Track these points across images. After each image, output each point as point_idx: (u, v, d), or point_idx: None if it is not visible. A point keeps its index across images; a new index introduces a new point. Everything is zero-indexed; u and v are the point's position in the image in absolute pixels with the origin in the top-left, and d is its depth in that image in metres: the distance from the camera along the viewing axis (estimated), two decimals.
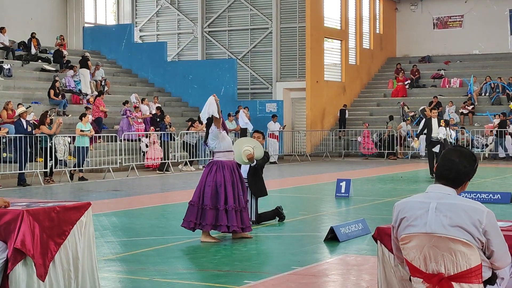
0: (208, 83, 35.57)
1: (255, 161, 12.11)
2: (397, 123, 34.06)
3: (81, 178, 22.33)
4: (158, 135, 26.26)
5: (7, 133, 21.40)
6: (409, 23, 42.62)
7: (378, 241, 5.79)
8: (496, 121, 32.17)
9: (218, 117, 11.01)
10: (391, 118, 34.19)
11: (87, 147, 22.79)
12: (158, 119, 27.82)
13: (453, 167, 4.49)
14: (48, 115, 22.12)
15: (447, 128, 22.60)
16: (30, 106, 23.51)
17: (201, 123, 25.96)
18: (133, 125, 27.73)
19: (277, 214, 13.04)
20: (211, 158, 11.67)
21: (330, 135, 35.30)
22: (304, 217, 13.91)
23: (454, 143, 23.85)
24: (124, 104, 28.75)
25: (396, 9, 43.21)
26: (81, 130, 22.60)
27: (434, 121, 22.29)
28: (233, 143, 11.71)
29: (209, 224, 10.79)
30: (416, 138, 26.23)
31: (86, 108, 26.89)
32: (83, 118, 23.01)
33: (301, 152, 34.29)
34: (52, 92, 28.18)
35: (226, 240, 11.09)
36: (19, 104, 23.34)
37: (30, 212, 6.41)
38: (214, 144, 11.07)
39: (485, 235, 4.34)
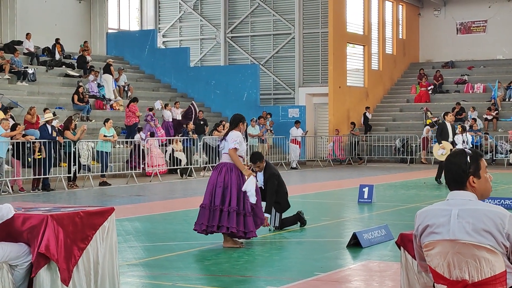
0: (231, 89, 35.65)
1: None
2: (359, 129, 34.36)
3: (104, 183, 22.45)
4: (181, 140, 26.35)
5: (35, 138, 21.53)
6: (432, 28, 42.43)
7: (402, 248, 5.78)
8: None
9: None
10: (353, 124, 34.27)
11: (109, 152, 22.95)
12: (186, 124, 27.71)
13: (447, 169, 4.50)
14: (72, 121, 22.26)
15: (464, 134, 22.40)
16: (56, 114, 23.66)
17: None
18: (155, 129, 27.72)
19: (299, 219, 13.03)
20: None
21: (352, 141, 35.20)
22: (326, 223, 13.89)
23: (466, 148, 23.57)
24: (150, 110, 28.84)
25: (419, 14, 43.05)
26: (104, 135, 22.74)
27: (449, 126, 22.12)
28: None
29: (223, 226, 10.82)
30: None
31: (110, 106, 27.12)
32: (106, 123, 23.14)
33: (323, 158, 34.22)
34: (76, 97, 28.35)
35: (249, 245, 11.08)
36: (45, 109, 23.51)
37: (55, 217, 6.45)
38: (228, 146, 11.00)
39: (509, 239, 4.32)
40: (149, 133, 26.39)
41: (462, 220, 4.34)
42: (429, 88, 38.89)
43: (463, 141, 22.14)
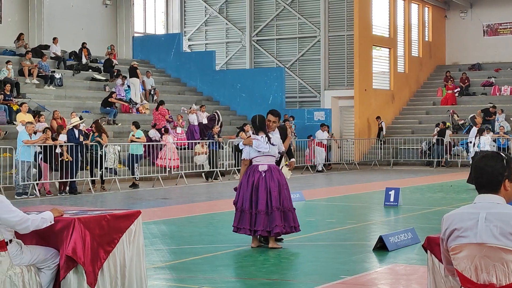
0: (256, 92, 35.68)
1: None
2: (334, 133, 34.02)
3: (133, 185, 22.67)
4: (206, 143, 26.41)
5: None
6: (458, 30, 42.19)
7: (428, 251, 5.75)
8: None
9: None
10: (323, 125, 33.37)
11: (140, 155, 23.15)
12: (211, 127, 27.74)
13: (482, 172, 4.43)
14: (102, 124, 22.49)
15: (480, 137, 22.22)
16: (83, 118, 23.83)
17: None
18: (176, 132, 27.81)
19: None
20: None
21: (378, 144, 35.11)
22: (352, 226, 13.85)
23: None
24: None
25: (445, 17, 42.83)
26: (136, 137, 23.09)
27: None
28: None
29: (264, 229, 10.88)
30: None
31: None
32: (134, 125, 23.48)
33: (349, 161, 34.14)
34: (112, 99, 28.58)
35: (276, 249, 11.08)
36: (72, 112, 23.68)
37: (82, 220, 6.50)
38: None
39: None
40: (163, 129, 26.61)
41: (490, 223, 4.31)
42: (455, 90, 38.66)
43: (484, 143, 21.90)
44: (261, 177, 10.90)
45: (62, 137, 21.29)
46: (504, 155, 4.47)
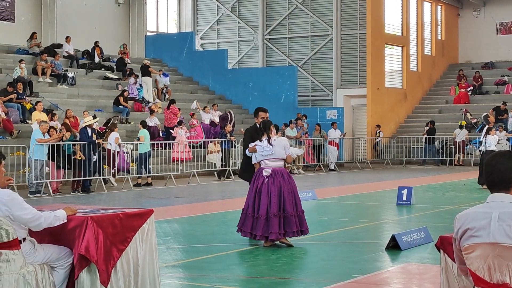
0: (269, 91, 35.67)
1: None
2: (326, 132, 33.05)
3: (146, 184, 22.79)
4: (219, 142, 26.43)
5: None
6: (471, 28, 42.04)
7: (441, 250, 5.74)
8: None
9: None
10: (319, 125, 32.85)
11: (147, 153, 23.20)
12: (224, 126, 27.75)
13: (493, 170, 4.41)
14: (115, 123, 22.55)
15: (487, 136, 22.13)
16: (96, 117, 23.88)
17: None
18: (189, 130, 27.89)
19: None
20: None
21: (391, 142, 35.04)
22: (365, 225, 13.83)
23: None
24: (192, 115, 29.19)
25: (458, 15, 42.68)
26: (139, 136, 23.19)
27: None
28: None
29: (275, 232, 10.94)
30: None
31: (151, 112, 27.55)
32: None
33: (361, 159, 34.09)
34: (121, 99, 28.62)
35: (288, 248, 11.08)
36: (84, 111, 23.74)
37: (94, 218, 6.52)
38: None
39: None
40: (178, 122, 26.79)
41: (503, 223, 4.30)
42: (468, 89, 38.53)
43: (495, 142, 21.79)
44: (264, 182, 10.99)
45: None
46: None
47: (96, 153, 21.21)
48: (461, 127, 33.63)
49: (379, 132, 34.92)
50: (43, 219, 6.20)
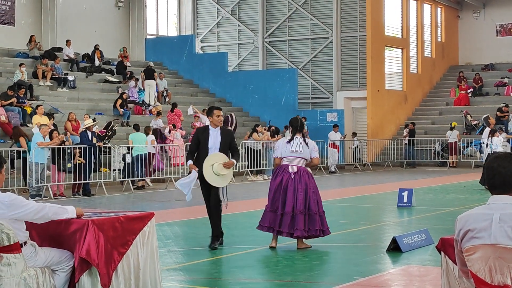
0: (269, 93, 35.68)
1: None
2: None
3: (138, 187, 22.82)
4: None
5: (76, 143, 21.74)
6: (471, 30, 42.06)
7: (442, 252, 5.74)
8: None
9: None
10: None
11: (143, 155, 23.16)
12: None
13: (495, 173, 4.42)
14: (112, 126, 22.51)
15: (492, 138, 22.11)
16: (96, 120, 23.87)
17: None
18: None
19: None
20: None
21: (391, 144, 35.03)
22: (366, 227, 13.83)
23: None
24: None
25: (458, 17, 42.70)
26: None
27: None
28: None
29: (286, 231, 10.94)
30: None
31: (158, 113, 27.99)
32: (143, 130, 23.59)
33: (362, 162, 34.09)
34: (119, 101, 28.61)
35: (288, 249, 11.08)
36: (85, 114, 23.74)
37: (95, 222, 6.52)
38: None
39: None
40: (171, 125, 26.80)
41: (504, 224, 4.30)
42: (468, 91, 38.55)
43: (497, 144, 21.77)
44: (290, 178, 10.92)
45: (72, 138, 21.39)
46: None
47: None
48: (451, 128, 33.61)
49: (354, 141, 34.26)
50: (48, 208, 6.20)
